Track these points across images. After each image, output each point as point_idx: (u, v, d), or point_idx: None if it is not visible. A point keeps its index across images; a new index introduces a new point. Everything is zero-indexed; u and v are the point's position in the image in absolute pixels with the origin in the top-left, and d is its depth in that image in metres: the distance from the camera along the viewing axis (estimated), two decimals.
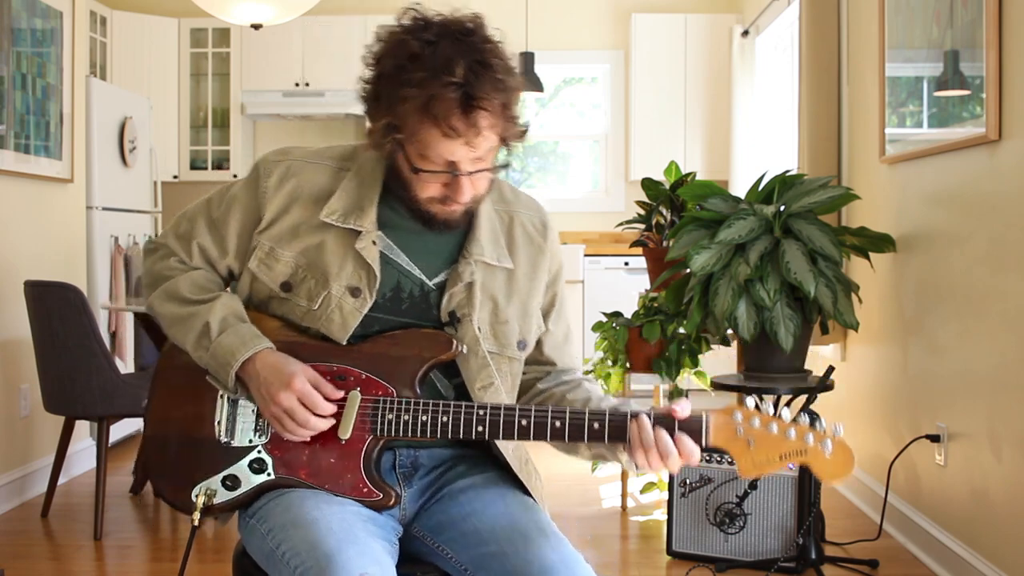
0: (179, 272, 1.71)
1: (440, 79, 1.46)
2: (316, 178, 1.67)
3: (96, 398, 3.60)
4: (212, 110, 6.76)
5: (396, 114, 1.51)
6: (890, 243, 3.41)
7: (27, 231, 4.18)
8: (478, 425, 1.56)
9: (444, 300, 1.65)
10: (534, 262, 1.73)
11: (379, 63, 1.55)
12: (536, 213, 1.78)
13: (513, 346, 1.69)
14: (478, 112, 1.48)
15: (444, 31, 1.51)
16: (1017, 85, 2.69)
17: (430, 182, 1.56)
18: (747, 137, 5.90)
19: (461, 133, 1.49)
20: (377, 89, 1.55)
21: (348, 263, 1.62)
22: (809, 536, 3.13)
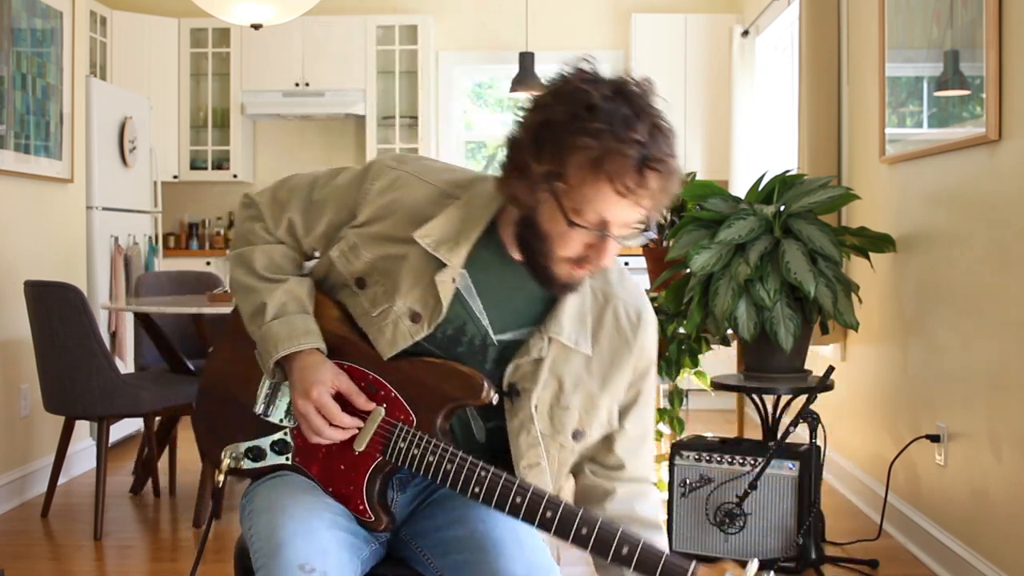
0: (261, 240, 1.72)
1: (620, 135, 1.40)
2: (420, 196, 1.62)
3: (96, 398, 3.60)
4: (212, 110, 6.76)
5: (562, 162, 1.43)
6: (890, 243, 3.41)
7: (27, 231, 4.18)
8: (475, 486, 1.52)
9: (509, 369, 1.60)
10: (616, 355, 1.64)
11: (548, 109, 1.46)
12: (635, 303, 1.66)
13: (567, 433, 1.62)
14: (653, 174, 1.42)
15: (620, 89, 1.46)
16: (1017, 85, 2.69)
17: (577, 239, 1.47)
18: (747, 137, 5.90)
19: (631, 193, 1.42)
20: (543, 134, 1.45)
21: (419, 287, 1.58)
22: (809, 536, 3.13)
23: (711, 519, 3.22)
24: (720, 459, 3.24)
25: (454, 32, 6.85)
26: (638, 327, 1.65)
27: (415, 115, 6.71)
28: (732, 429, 5.12)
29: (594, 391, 1.63)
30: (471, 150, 7.12)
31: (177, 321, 4.46)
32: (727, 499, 3.20)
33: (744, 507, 3.17)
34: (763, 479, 3.15)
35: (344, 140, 6.99)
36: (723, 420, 5.64)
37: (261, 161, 7.03)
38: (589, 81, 1.47)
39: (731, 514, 3.19)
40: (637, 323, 1.65)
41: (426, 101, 6.69)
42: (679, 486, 3.29)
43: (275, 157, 7.00)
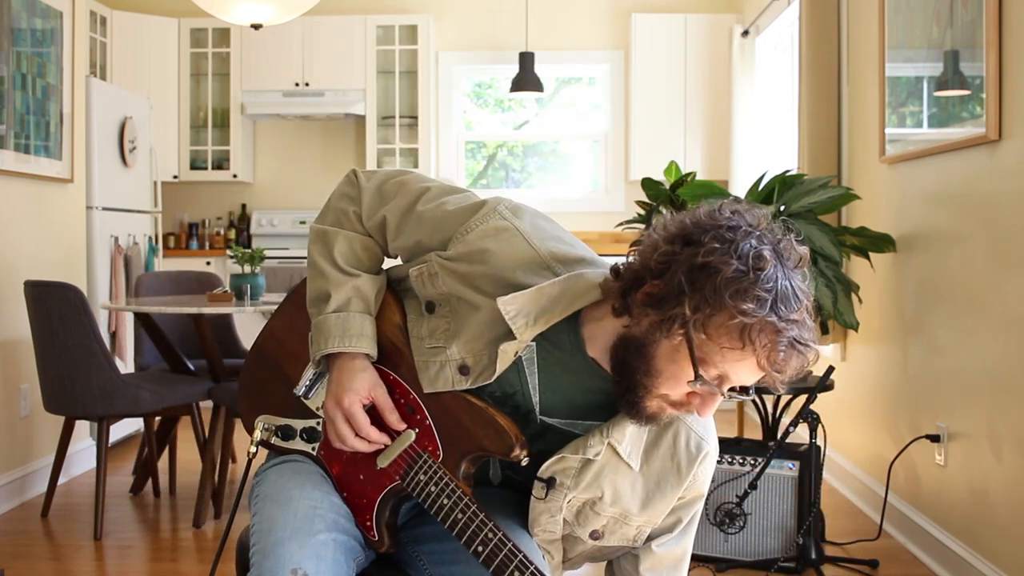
0: (349, 226, 1.68)
1: (782, 314, 1.34)
2: (517, 255, 1.54)
3: (96, 398, 3.60)
4: (212, 110, 6.76)
5: (711, 316, 1.35)
6: (890, 243, 3.41)
7: (27, 231, 4.18)
8: (479, 545, 1.48)
9: (554, 458, 1.55)
10: (663, 480, 1.58)
11: (713, 255, 1.36)
12: (699, 435, 1.60)
13: (587, 532, 1.60)
14: (796, 355, 1.37)
15: (782, 254, 1.39)
16: (1017, 85, 2.69)
17: (688, 386, 1.42)
18: (747, 137, 5.90)
19: (771, 367, 1.37)
20: (701, 280, 1.35)
21: (480, 344, 1.53)
22: (809, 536, 3.13)
23: (711, 519, 3.22)
24: (720, 459, 3.23)
25: (454, 32, 6.85)
26: (696, 459, 1.59)
27: (415, 115, 6.71)
28: (732, 429, 5.12)
29: (630, 509, 1.58)
30: (471, 150, 7.12)
31: (177, 321, 4.46)
32: (727, 499, 3.20)
33: (744, 507, 3.17)
34: (763, 479, 3.15)
35: (344, 140, 6.99)
36: (723, 420, 5.63)
37: (261, 161, 7.03)
38: (752, 236, 1.38)
39: (731, 514, 3.19)
40: (696, 455, 1.59)
41: (426, 101, 6.69)
42: None
43: (275, 157, 7.01)
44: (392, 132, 6.75)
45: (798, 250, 1.42)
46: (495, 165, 7.19)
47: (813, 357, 1.39)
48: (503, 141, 7.16)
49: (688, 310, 1.35)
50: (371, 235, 1.68)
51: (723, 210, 1.42)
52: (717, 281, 1.33)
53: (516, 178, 7.13)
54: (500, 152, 7.19)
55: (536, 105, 7.04)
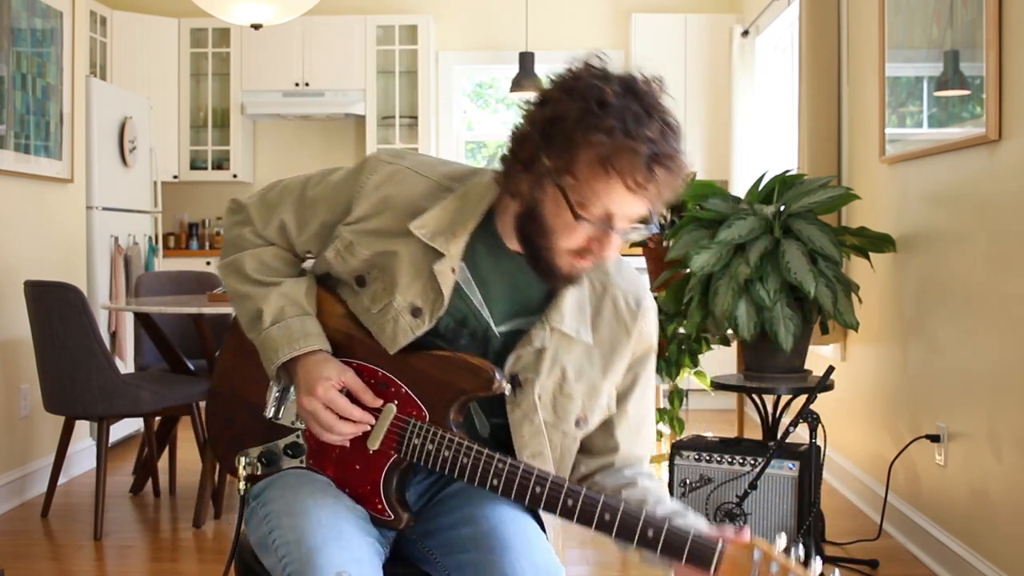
0: (251, 245, 1.70)
1: (632, 131, 1.42)
2: (417, 190, 1.61)
3: (96, 398, 3.60)
4: (212, 110, 6.76)
5: (572, 158, 1.44)
6: (890, 243, 3.41)
7: (27, 231, 4.18)
8: (494, 479, 1.52)
9: (510, 360, 1.59)
10: (616, 342, 1.65)
11: (558, 104, 1.47)
12: (634, 291, 1.68)
13: (570, 422, 1.63)
14: (662, 171, 1.45)
15: (630, 86, 1.48)
16: (1017, 85, 2.69)
17: (581, 232, 1.49)
18: (747, 137, 5.90)
19: (640, 188, 1.45)
20: (553, 129, 1.46)
21: (419, 281, 1.58)
22: (809, 536, 3.13)
23: (711, 519, 3.22)
24: (720, 459, 3.24)
25: (454, 32, 6.85)
26: (637, 313, 1.67)
27: (415, 115, 6.71)
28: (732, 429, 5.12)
29: (596, 379, 1.63)
30: (471, 150, 7.12)
31: (177, 321, 4.46)
32: (727, 499, 3.20)
33: (744, 507, 3.17)
34: (763, 479, 3.15)
35: (344, 140, 6.99)
36: (723, 420, 5.64)
37: (261, 161, 7.03)
38: (599, 77, 1.47)
39: (731, 514, 3.18)
40: (636, 310, 1.67)
41: (426, 101, 6.69)
42: (679, 486, 3.29)
43: (275, 157, 7.01)
44: (392, 132, 6.75)
45: (649, 75, 1.51)
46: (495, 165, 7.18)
47: (680, 166, 1.47)
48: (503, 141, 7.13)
49: (549, 161, 1.46)
50: (274, 243, 1.71)
51: (572, 66, 1.50)
52: (566, 125, 1.44)
53: None
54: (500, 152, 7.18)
55: None
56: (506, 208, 1.58)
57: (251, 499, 1.65)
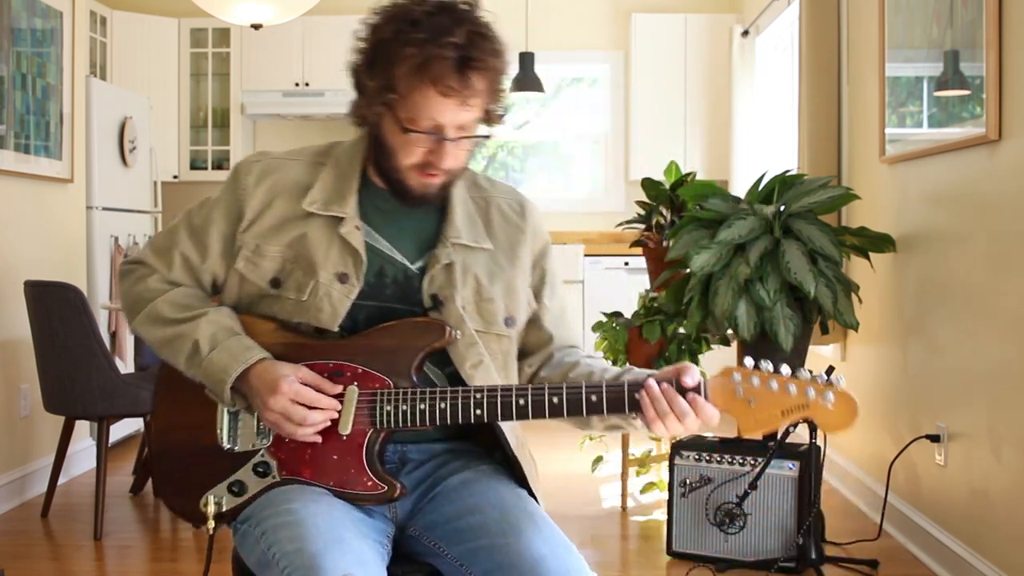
0: (159, 293, 1.71)
1: (439, 41, 1.52)
2: (294, 172, 1.71)
3: (96, 398, 3.60)
4: (212, 110, 6.76)
5: (391, 75, 1.56)
6: (890, 243, 3.41)
7: (27, 231, 4.18)
8: (476, 408, 1.57)
9: (425, 283, 1.67)
10: (513, 242, 1.76)
11: (377, 30, 1.59)
12: (513, 197, 1.81)
13: (500, 323, 1.70)
14: (473, 73, 1.55)
15: (442, 4, 1.58)
16: (1017, 85, 2.69)
17: (416, 146, 1.59)
18: (747, 137, 5.90)
19: (456, 92, 1.54)
20: (374, 54, 1.59)
21: (333, 250, 1.64)
22: (809, 536, 3.13)
23: (711, 519, 3.22)
24: (720, 459, 3.23)
25: None
26: (523, 214, 1.79)
27: None
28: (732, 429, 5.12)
29: (509, 277, 1.73)
30: None
31: None
32: (727, 499, 3.20)
33: (744, 507, 3.18)
34: (763, 479, 3.15)
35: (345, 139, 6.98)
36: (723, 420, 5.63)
37: None
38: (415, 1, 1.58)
39: (731, 514, 3.19)
40: (521, 211, 1.79)
41: None
42: (679, 486, 3.29)
43: None
44: None
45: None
46: (495, 165, 7.19)
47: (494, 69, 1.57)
48: (503, 141, 7.16)
49: (372, 82, 1.58)
50: (182, 284, 1.73)
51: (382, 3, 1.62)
52: (382, 47, 1.57)
53: (516, 178, 7.13)
54: (500, 152, 7.19)
55: (536, 105, 7.04)
56: (371, 155, 1.69)
57: (239, 524, 1.62)
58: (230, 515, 1.64)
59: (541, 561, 1.49)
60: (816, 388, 1.48)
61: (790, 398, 1.49)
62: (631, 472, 4.06)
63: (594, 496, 4.16)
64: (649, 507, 3.95)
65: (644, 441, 4.47)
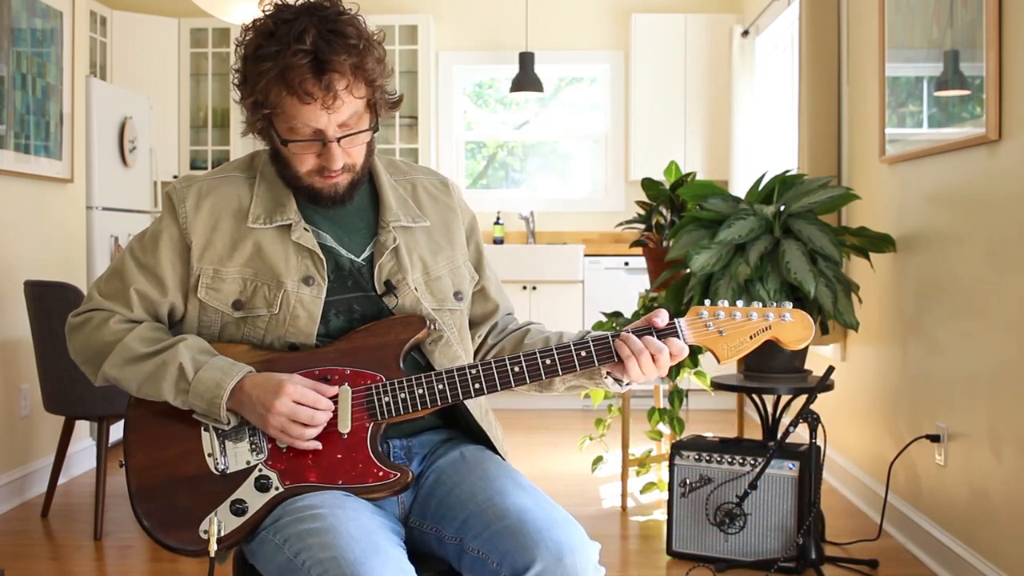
0: (124, 332, 1.67)
1: (291, 48, 1.52)
2: (230, 190, 1.71)
3: (96, 398, 3.60)
4: (212, 110, 6.76)
5: (259, 90, 1.57)
6: (890, 243, 3.41)
7: (27, 231, 4.18)
8: (474, 383, 1.60)
9: (376, 272, 1.69)
10: (446, 218, 1.81)
11: (244, 47, 1.61)
12: (435, 176, 1.86)
13: (451, 298, 1.75)
14: (330, 75, 1.54)
15: (301, 11, 1.58)
16: (1017, 85, 2.69)
17: (302, 153, 1.61)
18: (747, 137, 5.90)
19: (316, 97, 1.54)
20: (243, 70, 1.61)
21: (292, 257, 1.66)
22: (809, 536, 3.13)
23: (711, 519, 3.22)
24: (720, 459, 3.24)
25: (454, 32, 6.85)
26: (448, 191, 1.85)
27: (415, 115, 6.71)
28: (732, 429, 5.12)
29: (449, 253, 1.78)
30: (471, 150, 7.12)
31: None
32: (727, 499, 3.20)
33: (744, 507, 3.18)
34: (763, 479, 3.15)
35: None
36: (723, 420, 5.64)
37: None
38: (275, 12, 1.59)
39: (731, 514, 3.19)
40: (446, 188, 1.85)
41: (426, 101, 6.69)
42: (679, 486, 3.29)
43: None
44: (392, 132, 6.75)
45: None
46: (495, 165, 7.19)
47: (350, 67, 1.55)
48: (503, 141, 7.15)
49: (245, 99, 1.60)
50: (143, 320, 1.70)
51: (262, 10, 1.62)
52: (247, 64, 1.59)
53: (516, 178, 7.13)
54: (500, 152, 7.19)
55: (536, 105, 7.04)
56: None
57: (260, 530, 1.59)
58: (233, 538, 1.60)
59: (526, 511, 1.53)
60: (774, 312, 1.66)
61: (753, 323, 1.65)
62: (631, 472, 4.06)
63: (594, 496, 4.16)
64: (649, 507, 3.95)
65: (644, 441, 4.47)
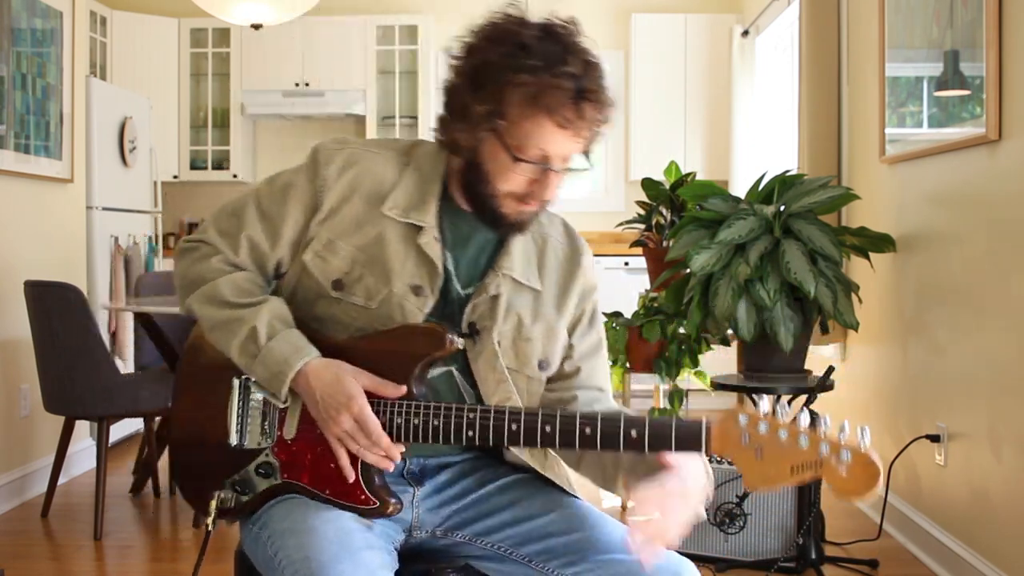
0: (221, 273, 1.63)
1: (555, 69, 1.46)
2: (377, 168, 1.62)
3: (96, 398, 3.60)
4: (212, 110, 6.76)
5: (501, 100, 1.49)
6: (890, 243, 3.41)
7: (27, 231, 4.18)
8: (468, 430, 1.50)
9: (467, 310, 1.61)
10: (563, 286, 1.69)
11: (481, 52, 1.52)
12: (571, 240, 1.74)
13: (533, 365, 1.64)
14: (589, 104, 1.50)
15: (549, 28, 1.52)
16: (1017, 85, 2.69)
17: (520, 175, 1.53)
18: (747, 137, 5.90)
19: (570, 124, 1.49)
20: (480, 76, 1.51)
21: (410, 260, 1.58)
22: (809, 536, 3.13)
23: (711, 519, 3.22)
24: (720, 459, 3.23)
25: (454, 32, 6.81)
26: (576, 259, 1.72)
27: (415, 115, 6.71)
28: None
29: (551, 320, 1.67)
30: None
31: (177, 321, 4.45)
32: (727, 499, 3.20)
33: (744, 507, 3.17)
34: None
35: None
36: None
37: (261, 161, 7.03)
38: (518, 23, 1.52)
39: (731, 514, 3.18)
40: (576, 255, 1.73)
41: (426, 101, 6.69)
42: None
43: (275, 157, 7.00)
44: (392, 132, 6.75)
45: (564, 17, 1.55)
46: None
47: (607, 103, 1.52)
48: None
49: (480, 107, 1.49)
50: (245, 268, 1.65)
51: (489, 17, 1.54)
52: (491, 70, 1.48)
53: None
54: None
55: None
56: (454, 170, 1.61)
57: (251, 525, 1.61)
58: (234, 512, 1.62)
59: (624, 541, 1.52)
60: (831, 445, 1.29)
61: (801, 452, 1.32)
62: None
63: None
64: None
65: None
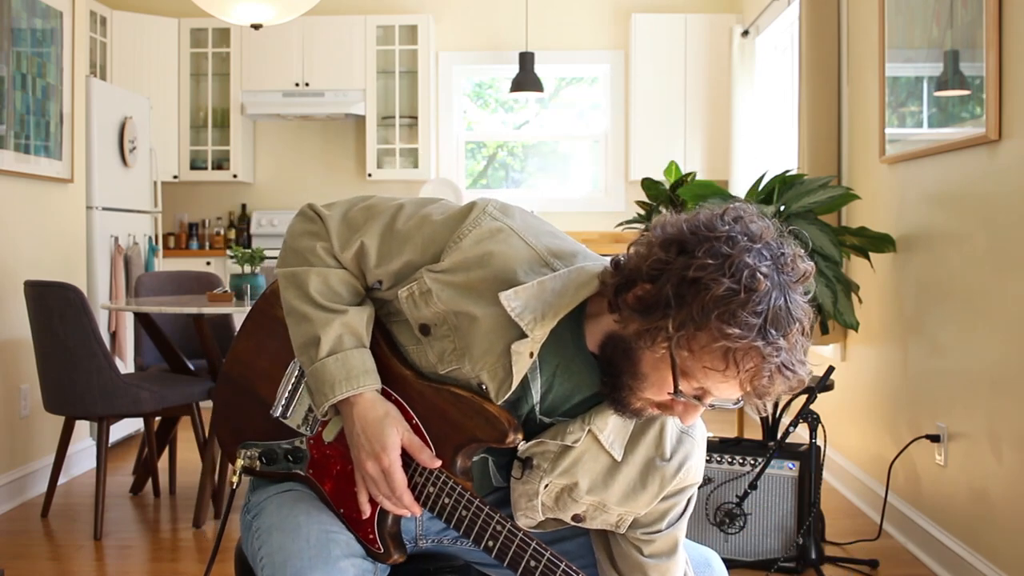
0: (320, 263, 1.56)
1: (771, 338, 1.27)
2: (516, 254, 1.47)
3: (96, 398, 3.60)
4: (212, 110, 6.76)
5: (697, 336, 1.29)
6: (890, 243, 3.41)
7: (27, 231, 4.18)
8: (490, 540, 1.46)
9: (533, 442, 1.50)
10: (647, 474, 1.52)
11: (705, 270, 1.28)
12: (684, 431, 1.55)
13: (568, 516, 1.55)
14: (781, 379, 1.31)
15: (778, 264, 1.31)
16: (1017, 85, 2.69)
17: (670, 395, 1.38)
18: (747, 137, 5.90)
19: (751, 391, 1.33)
20: (689, 296, 1.28)
21: (492, 356, 1.45)
22: (809, 536, 3.13)
23: (711, 519, 3.22)
24: (720, 459, 3.23)
25: (454, 32, 6.85)
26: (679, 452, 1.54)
27: (415, 115, 6.71)
28: (732, 429, 5.12)
29: (608, 501, 1.53)
30: (471, 150, 7.12)
31: (177, 321, 4.46)
32: (727, 499, 3.20)
33: (744, 507, 3.18)
34: (763, 479, 3.15)
35: (344, 140, 6.99)
36: (723, 420, 5.63)
37: (261, 161, 7.03)
38: (754, 253, 1.30)
39: (731, 514, 3.19)
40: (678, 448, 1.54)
41: (426, 101, 6.69)
42: None
43: (275, 157, 7.00)
44: (392, 132, 6.75)
45: (801, 266, 1.33)
46: (495, 165, 7.19)
47: (799, 380, 1.33)
48: (503, 141, 7.15)
49: (672, 326, 1.29)
50: (345, 267, 1.57)
51: (725, 217, 1.33)
52: (705, 299, 1.26)
53: (516, 178, 7.13)
54: (500, 152, 7.19)
55: (536, 105, 7.04)
56: (600, 311, 1.43)
57: (247, 513, 1.62)
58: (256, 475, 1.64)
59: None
60: None
61: None
62: None
63: None
64: None
65: None
